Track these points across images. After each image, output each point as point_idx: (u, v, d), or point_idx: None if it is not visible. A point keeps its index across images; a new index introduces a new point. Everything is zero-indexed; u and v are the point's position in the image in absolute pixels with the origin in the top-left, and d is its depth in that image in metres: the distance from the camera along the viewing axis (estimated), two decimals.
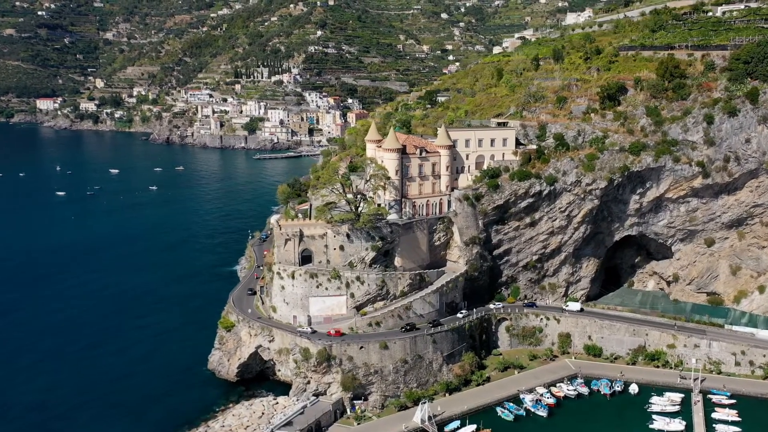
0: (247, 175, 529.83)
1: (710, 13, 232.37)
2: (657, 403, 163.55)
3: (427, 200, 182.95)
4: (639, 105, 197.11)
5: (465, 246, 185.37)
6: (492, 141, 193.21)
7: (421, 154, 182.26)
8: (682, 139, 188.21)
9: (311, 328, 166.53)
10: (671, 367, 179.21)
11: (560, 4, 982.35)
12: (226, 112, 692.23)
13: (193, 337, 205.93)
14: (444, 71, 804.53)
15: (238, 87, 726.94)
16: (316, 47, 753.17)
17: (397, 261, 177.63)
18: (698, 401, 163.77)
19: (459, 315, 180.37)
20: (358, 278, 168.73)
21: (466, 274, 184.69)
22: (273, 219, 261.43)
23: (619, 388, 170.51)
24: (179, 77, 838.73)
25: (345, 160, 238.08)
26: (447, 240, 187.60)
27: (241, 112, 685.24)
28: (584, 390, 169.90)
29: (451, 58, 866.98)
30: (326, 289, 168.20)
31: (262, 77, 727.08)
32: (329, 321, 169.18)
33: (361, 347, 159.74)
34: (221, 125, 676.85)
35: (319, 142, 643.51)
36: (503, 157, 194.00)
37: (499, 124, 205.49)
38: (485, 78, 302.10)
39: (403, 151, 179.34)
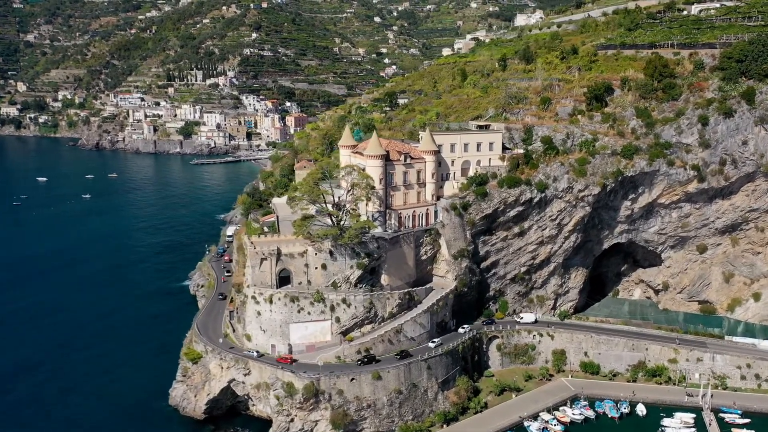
0: (184, 181, 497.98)
1: (685, 12, 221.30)
2: (670, 425, 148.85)
3: (414, 211, 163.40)
4: (628, 106, 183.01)
5: (453, 259, 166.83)
6: (478, 145, 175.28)
7: (405, 160, 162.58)
8: (676, 142, 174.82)
9: (257, 351, 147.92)
10: (675, 383, 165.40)
11: (491, 9, 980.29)
12: (160, 116, 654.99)
13: (149, 367, 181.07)
14: (381, 74, 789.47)
15: (171, 90, 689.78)
16: (252, 50, 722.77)
17: (384, 279, 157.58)
18: (712, 421, 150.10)
19: (461, 330, 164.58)
20: (344, 300, 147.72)
21: (455, 290, 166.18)
22: (230, 231, 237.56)
23: (626, 410, 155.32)
24: (107, 80, 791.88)
25: (309, 166, 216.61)
26: (434, 254, 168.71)
27: (176, 116, 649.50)
28: (590, 413, 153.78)
29: (387, 61, 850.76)
30: (308, 313, 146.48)
31: (196, 80, 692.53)
32: (312, 349, 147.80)
33: (352, 379, 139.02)
34: (155, 130, 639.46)
35: (258, 147, 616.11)
36: (489, 162, 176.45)
37: (480, 126, 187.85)
38: (446, 79, 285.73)
39: (386, 158, 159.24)
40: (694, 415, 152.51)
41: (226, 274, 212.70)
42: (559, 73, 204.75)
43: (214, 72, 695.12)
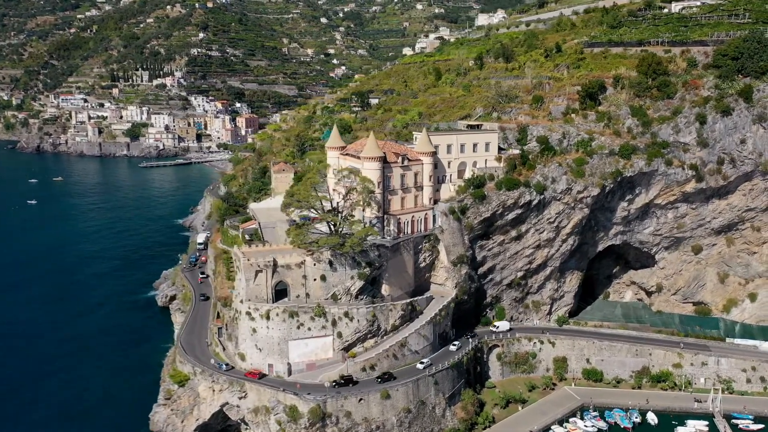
0: (135, 185, 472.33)
1: (666, 10, 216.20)
2: None
3: (412, 216, 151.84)
4: (622, 105, 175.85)
5: (453, 266, 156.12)
6: (474, 146, 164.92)
7: (403, 162, 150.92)
8: (674, 141, 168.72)
9: (226, 364, 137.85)
10: (681, 389, 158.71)
11: (437, 11, 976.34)
12: (105, 118, 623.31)
13: (123, 389, 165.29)
14: (331, 75, 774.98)
15: (115, 91, 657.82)
16: (199, 50, 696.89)
17: (385, 289, 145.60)
18: (726, 428, 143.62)
19: (452, 347, 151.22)
20: (346, 314, 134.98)
21: (456, 298, 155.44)
22: (200, 238, 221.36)
23: (637, 419, 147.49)
24: (47, 81, 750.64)
25: (288, 170, 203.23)
26: (432, 260, 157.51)
27: (122, 117, 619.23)
28: (602, 425, 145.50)
29: (335, 62, 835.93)
30: (309, 329, 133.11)
31: (142, 81, 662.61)
32: (312, 368, 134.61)
33: (360, 399, 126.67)
34: (100, 132, 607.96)
35: (209, 149, 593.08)
36: (486, 163, 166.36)
37: (470, 126, 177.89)
38: (417, 78, 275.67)
39: (384, 160, 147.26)
40: (706, 423, 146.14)
41: (202, 275, 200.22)
42: (546, 71, 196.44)
43: (161, 72, 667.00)
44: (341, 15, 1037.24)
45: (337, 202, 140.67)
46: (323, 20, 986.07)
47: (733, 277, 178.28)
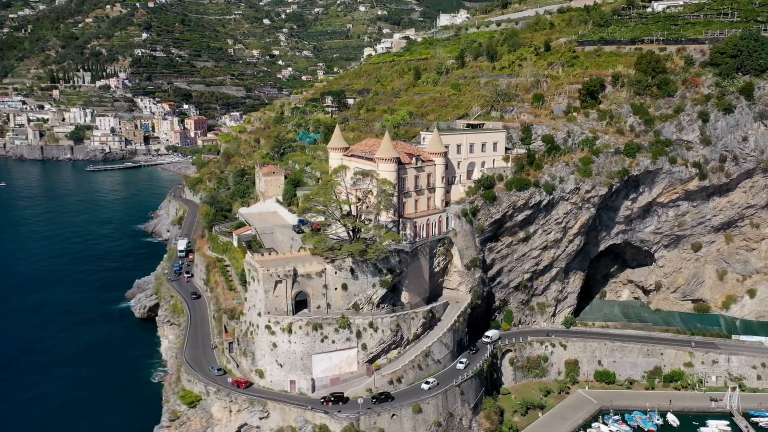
0: (83, 189, 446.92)
1: (649, 9, 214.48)
2: None
3: (428, 219, 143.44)
4: (623, 103, 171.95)
5: (466, 270, 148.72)
6: (483, 146, 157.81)
7: (417, 163, 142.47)
8: (677, 139, 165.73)
9: (218, 369, 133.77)
10: (693, 388, 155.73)
11: (379, 13, 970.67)
12: (46, 120, 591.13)
13: (116, 410, 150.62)
14: (278, 76, 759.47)
15: (56, 93, 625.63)
16: (143, 50, 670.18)
17: (404, 296, 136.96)
18: (748, 427, 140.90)
19: (459, 366, 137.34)
20: (371, 324, 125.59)
21: (471, 303, 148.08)
22: (181, 245, 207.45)
23: (659, 421, 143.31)
24: None
25: (278, 172, 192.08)
26: (446, 265, 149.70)
27: (64, 119, 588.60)
28: (627, 429, 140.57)
29: (281, 63, 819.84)
30: (333, 342, 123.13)
31: (84, 82, 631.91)
32: (336, 382, 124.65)
33: (393, 415, 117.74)
34: (41, 135, 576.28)
35: (158, 151, 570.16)
36: (493, 163, 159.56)
37: (471, 126, 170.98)
38: (391, 77, 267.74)
39: (398, 162, 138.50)
40: (727, 422, 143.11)
41: (187, 274, 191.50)
42: (540, 69, 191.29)
43: (104, 73, 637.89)
44: (284, 16, 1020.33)
45: (357, 207, 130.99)
46: (266, 21, 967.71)
47: (731, 273, 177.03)
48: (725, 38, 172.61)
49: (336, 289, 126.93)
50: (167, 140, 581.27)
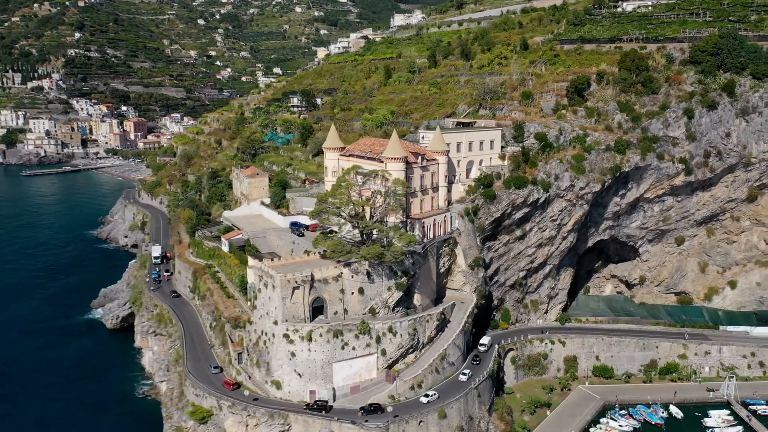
0: (20, 196, 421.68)
1: (619, 9, 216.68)
2: (714, 425, 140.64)
3: (434, 219, 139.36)
4: (609, 100, 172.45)
5: (470, 270, 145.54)
6: (480, 144, 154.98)
7: (422, 162, 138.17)
8: (663, 135, 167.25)
9: (215, 367, 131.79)
10: (687, 379, 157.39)
11: (316, 14, 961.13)
12: None
13: (102, 430, 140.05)
14: (218, 77, 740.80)
15: None
16: (77, 50, 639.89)
17: (416, 298, 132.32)
18: (750, 416, 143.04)
19: (462, 378, 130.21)
20: (390, 329, 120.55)
21: (476, 303, 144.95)
22: (155, 251, 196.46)
23: (664, 414, 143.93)
24: None
25: (262, 174, 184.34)
26: (450, 265, 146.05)
27: None
28: (636, 423, 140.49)
29: (219, 63, 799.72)
30: (353, 348, 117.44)
31: (14, 83, 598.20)
32: (357, 390, 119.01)
33: (420, 422, 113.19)
34: None
35: (97, 154, 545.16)
36: (490, 161, 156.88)
37: (460, 124, 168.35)
38: (357, 77, 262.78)
39: (406, 161, 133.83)
40: (728, 412, 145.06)
41: (166, 272, 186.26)
42: (522, 67, 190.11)
43: (36, 74, 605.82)
44: (218, 17, 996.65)
45: (371, 209, 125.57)
46: (201, 22, 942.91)
47: (712, 266, 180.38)
48: (704, 37, 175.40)
49: (353, 293, 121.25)
50: (106, 143, 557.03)
